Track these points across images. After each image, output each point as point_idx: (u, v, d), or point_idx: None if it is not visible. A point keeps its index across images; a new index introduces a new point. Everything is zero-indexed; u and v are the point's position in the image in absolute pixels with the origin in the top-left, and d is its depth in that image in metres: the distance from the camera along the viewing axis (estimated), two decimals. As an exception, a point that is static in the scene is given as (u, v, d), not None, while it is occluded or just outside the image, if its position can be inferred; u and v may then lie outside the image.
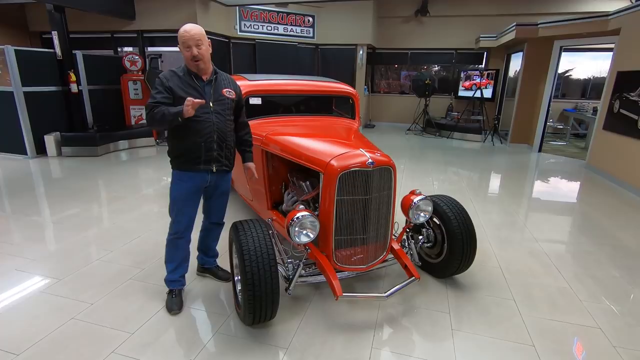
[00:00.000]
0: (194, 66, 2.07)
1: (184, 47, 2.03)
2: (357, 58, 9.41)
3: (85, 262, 2.80)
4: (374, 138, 8.73)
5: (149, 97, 2.06)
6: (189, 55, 2.03)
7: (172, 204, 2.24)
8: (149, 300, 2.35)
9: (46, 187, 4.62)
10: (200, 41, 2.03)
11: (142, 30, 7.59)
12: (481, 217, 3.91)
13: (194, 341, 2.00)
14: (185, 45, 2.02)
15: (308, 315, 2.25)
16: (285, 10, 8.74)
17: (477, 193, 4.72)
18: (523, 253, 3.14)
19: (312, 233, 2.13)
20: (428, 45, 10.01)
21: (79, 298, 2.35)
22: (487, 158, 6.93)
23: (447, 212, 2.51)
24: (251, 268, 1.89)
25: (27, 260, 2.81)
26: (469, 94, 9.18)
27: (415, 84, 9.37)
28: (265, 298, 1.91)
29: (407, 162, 6.36)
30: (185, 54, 2.04)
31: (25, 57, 5.81)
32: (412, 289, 2.54)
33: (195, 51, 2.02)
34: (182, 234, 2.26)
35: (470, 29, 9.46)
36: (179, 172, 2.18)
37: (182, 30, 2.02)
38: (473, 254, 2.48)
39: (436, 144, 8.20)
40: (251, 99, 3.06)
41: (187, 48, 2.02)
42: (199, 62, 2.05)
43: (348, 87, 3.51)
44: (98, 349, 1.93)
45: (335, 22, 9.20)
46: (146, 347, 1.95)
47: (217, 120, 2.15)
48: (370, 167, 2.16)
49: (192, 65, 2.07)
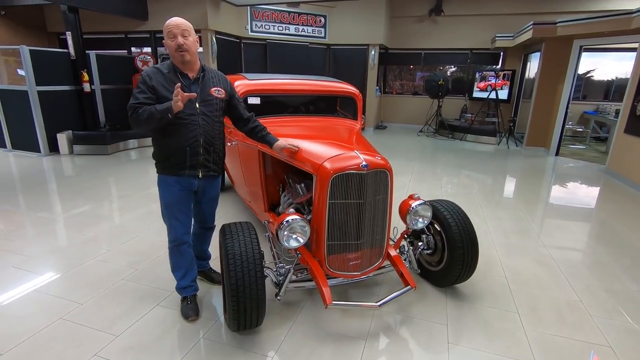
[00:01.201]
0: (178, 58, 1.92)
1: (169, 37, 1.90)
2: (368, 58, 9.28)
3: (80, 261, 2.79)
4: (384, 139, 8.61)
5: (131, 97, 1.91)
6: (173, 45, 1.89)
7: (163, 209, 2.13)
8: (138, 302, 2.31)
9: (56, 185, 4.68)
10: (186, 31, 1.91)
11: (155, 30, 7.67)
12: (490, 222, 3.75)
13: (177, 346, 1.95)
14: (170, 34, 1.89)
15: (298, 322, 2.17)
16: (296, 10, 8.69)
17: (488, 198, 4.54)
18: (531, 262, 2.98)
19: (302, 238, 2.05)
20: (442, 45, 9.80)
21: (69, 297, 2.34)
22: (501, 161, 6.70)
23: (448, 218, 2.38)
24: (235, 273, 1.83)
25: (25, 258, 2.82)
26: (483, 95, 8.94)
27: (427, 84, 9.18)
28: (250, 305, 1.84)
29: (417, 164, 6.21)
30: (170, 44, 1.90)
31: (40, 57, 5.93)
32: (409, 298, 2.43)
33: (181, 40, 1.88)
34: (182, 240, 2.15)
35: (486, 29, 9.21)
36: (164, 176, 2.06)
37: (168, 21, 1.91)
38: (474, 263, 2.35)
39: (448, 146, 8.00)
40: (249, 99, 3.00)
41: (172, 37, 1.89)
42: (185, 53, 1.90)
43: (350, 87, 3.41)
44: (81, 351, 1.89)
45: (347, 22, 9.10)
46: (128, 351, 1.90)
47: (204, 123, 2.01)
48: (363, 169, 2.07)
49: (177, 57, 1.92)
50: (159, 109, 1.83)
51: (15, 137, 6.33)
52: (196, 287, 2.28)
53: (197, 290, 2.28)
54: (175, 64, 1.97)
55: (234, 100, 2.21)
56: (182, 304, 2.23)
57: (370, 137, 8.88)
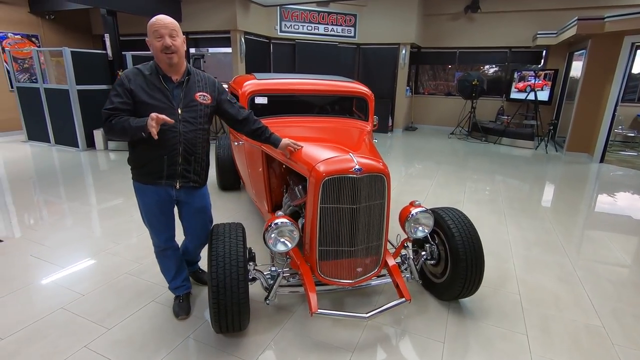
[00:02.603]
0: (165, 61, 1.78)
1: (155, 37, 1.75)
2: (399, 58, 9.04)
3: (92, 254, 2.91)
4: (413, 141, 8.35)
5: (107, 100, 1.78)
6: (159, 46, 1.74)
7: (143, 216, 2.05)
8: (135, 297, 2.37)
9: (89, 178, 4.95)
10: (174, 31, 1.77)
11: (188, 32, 7.92)
12: (512, 232, 3.49)
13: (162, 344, 1.96)
14: (157, 34, 1.74)
15: (287, 328, 2.12)
16: (326, 9, 8.64)
17: (514, 205, 4.24)
18: (552, 279, 2.73)
19: (290, 242, 1.99)
20: (479, 43, 9.33)
21: (74, 288, 2.44)
22: (537, 167, 6.26)
23: (452, 227, 2.23)
24: (217, 275, 1.80)
25: (44, 248, 2.99)
26: (522, 96, 8.41)
27: (460, 84, 8.78)
28: (232, 308, 1.81)
29: (443, 167, 5.94)
30: (156, 44, 1.74)
31: (80, 58, 6.32)
32: (408, 310, 2.30)
33: (169, 41, 1.74)
34: (165, 246, 2.11)
35: (526, 26, 8.65)
36: (138, 184, 1.96)
37: (154, 19, 1.76)
38: (479, 278, 2.18)
39: (480, 150, 7.60)
40: (256, 99, 2.99)
41: (159, 38, 1.74)
42: (172, 55, 1.77)
43: (362, 87, 3.31)
44: (73, 342, 1.96)
45: (378, 21, 8.92)
46: (115, 345, 1.94)
47: (185, 130, 1.87)
48: (356, 173, 1.98)
49: (162, 59, 1.78)
50: (133, 125, 1.71)
51: (58, 133, 6.79)
52: (188, 285, 2.29)
53: (189, 288, 2.29)
54: (159, 66, 1.84)
55: (224, 104, 2.08)
56: (174, 302, 2.24)
57: (399, 139, 8.65)
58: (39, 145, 6.88)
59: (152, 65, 1.86)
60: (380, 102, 9.39)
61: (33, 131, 7.05)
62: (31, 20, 7.74)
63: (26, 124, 7.08)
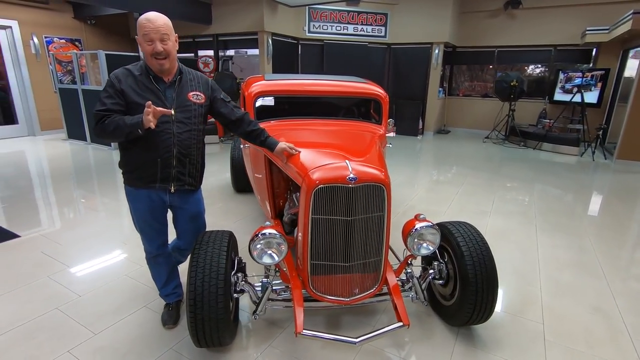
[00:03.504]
0: (156, 65, 1.73)
1: (145, 41, 1.68)
2: (431, 58, 8.65)
3: (98, 254, 2.94)
4: (443, 145, 7.93)
5: (97, 102, 1.73)
6: (150, 50, 1.68)
7: (134, 222, 2.00)
8: (129, 301, 2.33)
9: (117, 175, 5.11)
10: (166, 35, 1.69)
11: (217, 34, 8.05)
12: (542, 251, 3.14)
13: (144, 354, 1.89)
14: (147, 38, 1.67)
15: (274, 345, 1.98)
16: (356, 9, 8.44)
17: (549, 219, 3.84)
18: (585, 307, 2.38)
19: (277, 255, 1.84)
20: (520, 42, 8.71)
21: (72, 288, 2.45)
22: (582, 176, 5.68)
23: (462, 245, 1.98)
24: (195, 287, 1.70)
25: (57, 245, 3.06)
26: (567, 98, 7.73)
27: (498, 85, 8.23)
28: (209, 323, 1.70)
29: (473, 174, 5.55)
30: (146, 48, 1.68)
31: (114, 60, 6.56)
32: (411, 335, 2.08)
33: (159, 47, 1.67)
34: (157, 253, 2.06)
35: (574, 21, 7.95)
36: (130, 188, 1.89)
37: (144, 19, 1.67)
38: (491, 304, 1.92)
39: (517, 155, 7.07)
40: (262, 100, 2.88)
41: (149, 42, 1.67)
42: (164, 61, 1.72)
43: (376, 88, 3.10)
44: (58, 345, 1.94)
45: (410, 20, 8.58)
46: (97, 352, 1.90)
47: (179, 131, 1.81)
48: (350, 183, 1.80)
49: (153, 63, 1.73)
50: (128, 123, 1.65)
51: (93, 132, 7.11)
52: (179, 293, 2.21)
53: (180, 296, 2.22)
54: (150, 67, 1.78)
55: (217, 103, 1.99)
56: (164, 310, 2.18)
57: (429, 143, 8.27)
58: (77, 143, 7.24)
59: (142, 66, 1.80)
60: (410, 104, 9.05)
61: (72, 130, 7.44)
62: (75, 25, 8.20)
63: (66, 123, 7.48)
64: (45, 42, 7.69)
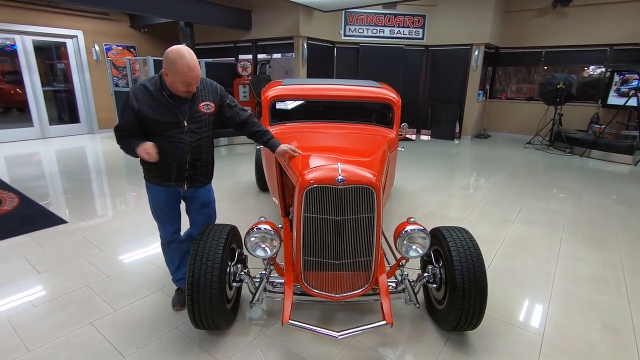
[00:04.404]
0: (183, 94, 1.95)
1: (181, 82, 1.87)
2: (471, 59, 8.37)
3: (130, 241, 3.26)
4: (480, 151, 7.64)
5: (120, 115, 2.03)
6: (183, 90, 1.91)
7: (152, 211, 2.23)
8: (148, 284, 2.59)
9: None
10: (197, 79, 1.93)
11: (256, 39, 8.42)
12: (562, 263, 2.99)
13: (152, 331, 2.12)
14: (185, 82, 1.88)
15: (268, 334, 2.12)
16: (393, 11, 8.41)
17: (578, 231, 3.62)
18: (594, 323, 2.27)
19: (270, 249, 1.99)
20: (570, 41, 8.17)
21: (102, 269, 2.77)
22: (632, 187, 5.23)
23: (452, 249, 2.00)
24: (193, 273, 1.88)
25: (96, 232, 3.44)
26: (622, 102, 7.13)
27: (543, 88, 7.78)
28: (204, 307, 1.87)
29: (504, 181, 5.34)
30: (180, 87, 1.89)
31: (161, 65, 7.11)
32: (400, 335, 2.12)
33: (194, 88, 1.95)
34: (171, 239, 2.28)
35: (633, 17, 7.32)
36: (150, 184, 2.15)
37: (185, 66, 1.83)
38: (478, 311, 1.91)
39: (560, 163, 6.65)
40: (277, 104, 3.04)
41: (186, 85, 1.89)
42: (189, 94, 1.98)
43: (389, 93, 3.14)
44: (83, 317, 2.22)
45: (449, 21, 8.38)
46: (114, 326, 2.15)
47: (191, 140, 2.04)
48: (339, 184, 1.90)
49: (180, 91, 1.93)
50: (133, 148, 1.94)
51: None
52: None
53: None
54: (170, 89, 1.94)
55: (225, 107, 2.18)
56: (175, 294, 2.40)
57: (466, 147, 8.02)
58: (128, 141, 7.92)
59: (156, 81, 1.97)
60: (447, 107, 8.83)
61: (124, 129, 8.15)
62: (130, 33, 8.98)
63: (120, 122, 8.22)
64: (105, 49, 8.51)
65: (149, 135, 2.01)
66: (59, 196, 4.36)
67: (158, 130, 1.99)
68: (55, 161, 6.10)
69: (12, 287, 2.52)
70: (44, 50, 7.82)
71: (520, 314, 2.34)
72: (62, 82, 8.39)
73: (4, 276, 2.65)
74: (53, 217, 3.72)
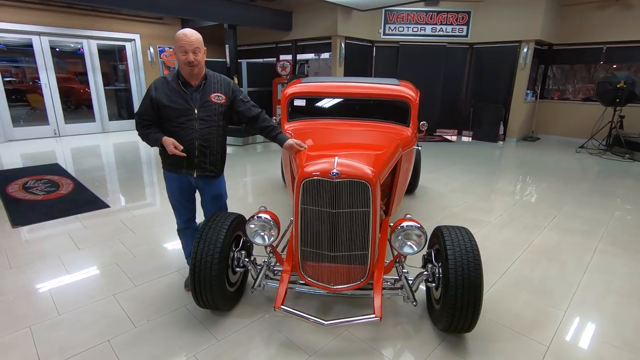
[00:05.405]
0: (187, 71, 2.10)
1: (180, 52, 2.04)
2: (519, 57, 7.89)
3: (158, 225, 3.55)
4: (525, 154, 7.20)
5: (141, 103, 2.21)
6: (184, 59, 2.04)
7: (169, 199, 2.41)
8: (168, 265, 2.81)
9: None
10: (198, 48, 2.06)
11: (295, 39, 8.62)
12: (590, 274, 2.77)
13: (163, 307, 2.31)
14: (182, 50, 2.03)
15: (266, 319, 2.22)
16: (435, 9, 8.18)
17: (617, 243, 3.31)
18: (612, 338, 2.09)
19: (268, 238, 2.09)
20: (636, 36, 7.41)
21: (131, 249, 3.05)
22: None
23: (448, 248, 1.96)
24: (196, 254, 2.03)
25: (131, 216, 3.78)
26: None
27: (601, 87, 7.14)
28: (205, 287, 2.02)
29: (542, 186, 5.00)
30: (181, 57, 2.05)
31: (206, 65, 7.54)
32: (394, 330, 2.12)
33: (192, 57, 2.04)
34: (186, 226, 2.46)
35: None
36: (166, 172, 2.32)
37: (181, 34, 2.03)
38: (472, 313, 1.86)
39: (616, 169, 6.08)
40: (295, 101, 3.14)
41: (184, 53, 2.03)
42: (194, 67, 2.08)
43: (405, 90, 3.10)
44: (108, 290, 2.48)
45: (496, 17, 7.96)
46: (131, 299, 2.38)
47: (200, 127, 2.18)
48: (333, 177, 1.95)
49: (185, 70, 2.10)
50: (152, 139, 2.17)
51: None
52: None
53: None
54: (182, 74, 2.15)
55: (237, 102, 2.32)
56: (188, 275, 2.59)
57: (510, 150, 7.60)
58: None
59: (174, 73, 2.20)
60: (491, 107, 8.40)
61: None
62: (182, 36, 9.62)
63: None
64: (159, 51, 9.19)
65: (163, 123, 2.21)
66: (108, 184, 4.82)
67: (170, 117, 2.16)
68: (111, 153, 6.73)
69: (55, 259, 2.87)
70: (106, 53, 8.64)
71: (528, 321, 2.22)
72: (122, 82, 9.21)
73: (52, 249, 3.02)
74: (99, 202, 4.14)
